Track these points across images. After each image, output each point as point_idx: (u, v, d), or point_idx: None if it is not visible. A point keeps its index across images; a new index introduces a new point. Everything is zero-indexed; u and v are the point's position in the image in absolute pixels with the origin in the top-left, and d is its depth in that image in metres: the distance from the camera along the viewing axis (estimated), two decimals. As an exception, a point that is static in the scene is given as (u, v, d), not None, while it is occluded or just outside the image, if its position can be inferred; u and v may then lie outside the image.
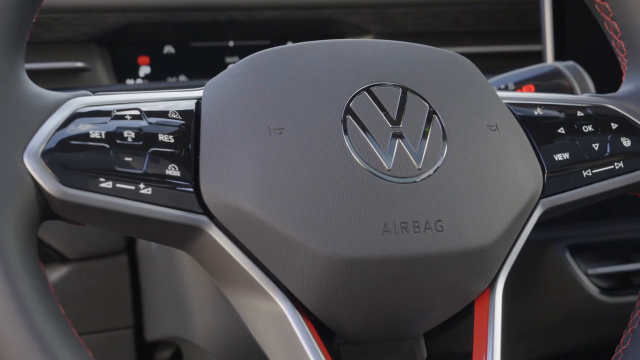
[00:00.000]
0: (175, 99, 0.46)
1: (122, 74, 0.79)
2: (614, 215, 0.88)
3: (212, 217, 0.43)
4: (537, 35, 0.81)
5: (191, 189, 0.42)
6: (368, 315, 0.45)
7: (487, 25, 0.86)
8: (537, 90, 0.68)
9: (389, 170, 0.44)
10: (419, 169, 0.44)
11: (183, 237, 0.43)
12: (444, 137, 0.46)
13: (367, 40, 0.49)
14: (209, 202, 0.42)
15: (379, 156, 0.44)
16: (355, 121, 0.44)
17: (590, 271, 0.86)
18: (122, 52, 0.79)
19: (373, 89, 0.46)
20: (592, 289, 0.86)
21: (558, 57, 0.79)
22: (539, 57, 0.81)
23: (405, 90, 0.46)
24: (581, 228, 0.86)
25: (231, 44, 0.82)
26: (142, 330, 0.76)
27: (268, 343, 0.45)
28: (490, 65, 0.81)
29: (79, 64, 0.74)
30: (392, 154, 0.44)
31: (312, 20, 0.80)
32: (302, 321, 0.43)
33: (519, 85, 0.69)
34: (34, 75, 0.75)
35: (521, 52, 0.87)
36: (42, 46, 0.73)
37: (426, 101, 0.46)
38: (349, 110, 0.45)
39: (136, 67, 0.79)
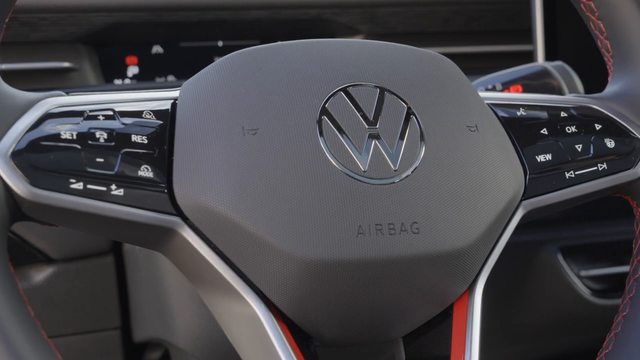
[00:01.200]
0: (151, 100, 0.45)
1: (110, 74, 0.79)
2: (606, 217, 0.87)
3: (185, 219, 0.42)
4: (529, 35, 0.80)
5: (164, 190, 0.42)
6: (344, 318, 0.44)
7: (478, 25, 0.85)
8: (525, 90, 0.67)
9: (364, 171, 0.43)
10: (395, 170, 0.44)
11: (156, 238, 0.43)
12: (422, 138, 0.45)
13: (345, 40, 0.49)
14: (182, 203, 0.42)
15: (354, 157, 0.43)
16: (331, 122, 0.44)
17: (583, 273, 0.85)
18: (110, 52, 0.79)
19: (350, 89, 0.45)
20: (584, 290, 0.85)
21: (549, 57, 0.78)
22: (530, 57, 0.81)
23: (382, 90, 0.46)
24: (573, 229, 0.85)
25: (220, 44, 0.81)
26: (129, 331, 0.75)
27: (242, 345, 0.45)
28: (481, 65, 0.81)
29: (66, 64, 0.74)
30: (368, 155, 0.44)
31: (301, 20, 0.79)
32: (276, 324, 0.43)
33: (506, 86, 0.68)
34: (20, 75, 0.75)
35: (512, 52, 0.86)
36: (29, 46, 0.73)
37: (404, 101, 0.46)
38: (324, 111, 0.44)
39: (124, 67, 0.79)
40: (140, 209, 0.41)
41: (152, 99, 0.45)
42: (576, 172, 0.51)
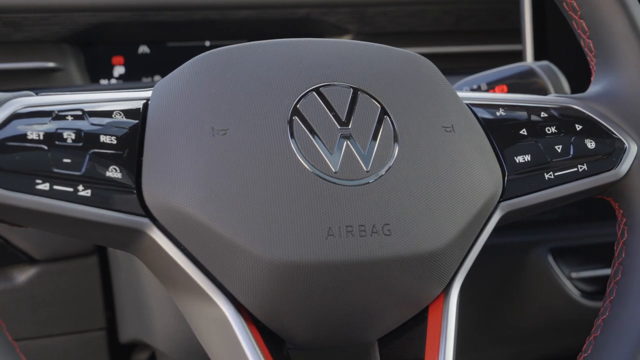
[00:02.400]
0: (123, 100, 0.45)
1: (96, 74, 0.78)
2: (597, 218, 0.87)
3: (153, 220, 0.42)
4: (520, 35, 0.80)
5: (133, 191, 0.41)
6: (315, 321, 0.44)
7: (469, 25, 0.84)
8: (511, 90, 0.67)
9: (335, 172, 0.43)
10: (367, 171, 0.43)
11: (125, 239, 0.43)
12: (395, 139, 0.45)
13: (320, 40, 0.48)
14: (151, 203, 0.41)
15: (325, 158, 0.43)
16: (302, 122, 0.43)
17: (574, 275, 0.84)
18: (96, 52, 0.78)
19: (322, 90, 0.45)
20: (574, 292, 0.84)
21: (538, 56, 0.77)
22: (520, 56, 0.80)
23: (356, 90, 0.45)
24: (564, 231, 0.84)
25: (207, 43, 0.81)
26: (115, 332, 0.75)
27: (212, 348, 0.44)
28: (471, 65, 0.80)
29: (50, 64, 0.74)
30: (339, 156, 0.43)
31: (289, 19, 0.79)
32: (245, 326, 0.42)
33: (491, 86, 0.67)
34: (4, 75, 0.75)
35: (503, 52, 0.85)
36: (13, 46, 0.73)
37: (378, 102, 0.45)
38: (296, 111, 0.44)
39: (110, 67, 0.79)
40: (108, 210, 0.41)
41: (124, 99, 0.45)
42: (556, 173, 0.50)
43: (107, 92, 0.45)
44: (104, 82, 0.80)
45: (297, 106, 0.44)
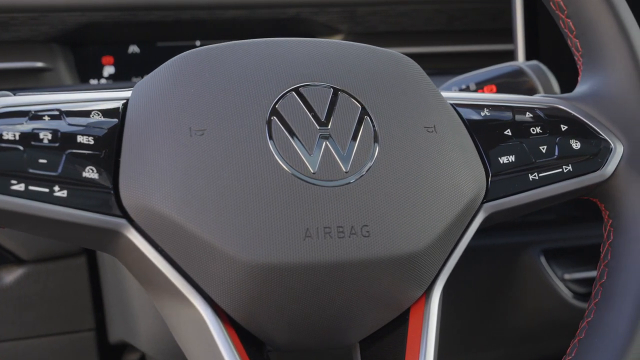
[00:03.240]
0: (102, 100, 0.45)
1: (85, 74, 0.78)
2: (591, 219, 0.86)
3: (131, 221, 0.41)
4: (512, 34, 0.79)
5: (110, 192, 0.41)
6: (293, 323, 0.43)
7: (461, 24, 0.84)
8: (499, 90, 0.66)
9: (313, 173, 0.42)
10: (346, 172, 0.43)
11: (102, 240, 0.42)
12: (376, 139, 0.44)
13: (301, 39, 0.48)
14: (128, 204, 0.41)
15: (304, 159, 0.42)
16: (281, 123, 0.43)
17: (567, 276, 0.83)
18: (85, 52, 0.78)
19: (302, 90, 0.44)
20: (567, 294, 0.84)
21: (530, 56, 0.77)
22: (512, 56, 0.79)
23: (336, 90, 0.45)
24: (557, 232, 0.84)
25: (198, 43, 0.81)
26: (105, 333, 0.75)
27: (189, 349, 0.44)
28: (464, 65, 0.80)
29: (39, 64, 0.73)
30: (318, 157, 0.43)
31: (279, 19, 0.78)
32: (223, 328, 0.42)
33: (480, 86, 0.67)
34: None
35: (496, 52, 0.84)
36: (1, 46, 0.73)
37: (359, 102, 0.45)
38: (274, 112, 0.43)
39: (100, 67, 0.78)
40: (85, 211, 0.41)
41: (103, 99, 0.45)
42: (540, 174, 0.50)
43: (86, 92, 0.45)
44: (93, 82, 0.79)
45: (276, 106, 0.43)
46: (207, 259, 0.41)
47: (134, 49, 0.79)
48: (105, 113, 0.43)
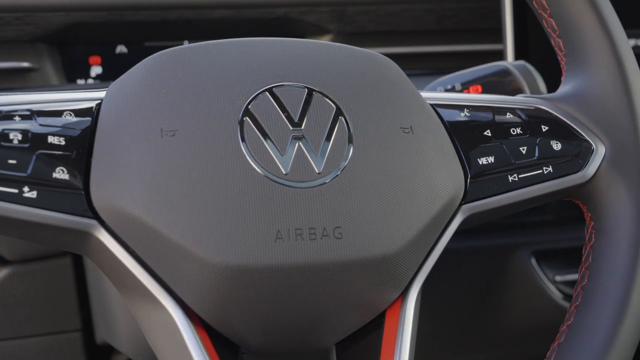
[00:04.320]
0: (75, 100, 0.44)
1: (72, 74, 0.78)
2: (582, 221, 0.85)
3: (101, 222, 0.41)
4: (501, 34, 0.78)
5: (81, 192, 0.41)
6: (266, 325, 0.43)
7: (451, 24, 0.83)
8: (485, 90, 0.65)
9: (285, 174, 0.42)
10: (318, 173, 0.42)
11: (73, 241, 0.42)
12: (350, 140, 0.44)
13: (278, 39, 0.47)
14: (98, 205, 0.41)
15: (276, 160, 0.42)
16: (254, 123, 0.43)
17: (558, 278, 0.83)
18: (72, 52, 0.78)
19: (275, 90, 0.44)
20: (558, 295, 0.83)
21: (519, 56, 0.76)
22: (503, 56, 0.78)
23: (311, 91, 0.44)
24: (547, 234, 0.83)
25: (186, 43, 0.80)
26: (92, 333, 0.75)
27: (161, 351, 0.44)
28: (453, 64, 0.79)
29: (25, 64, 0.73)
30: (290, 158, 0.42)
31: (267, 19, 0.78)
32: (194, 330, 0.41)
33: (466, 86, 0.66)
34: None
35: (486, 51, 0.84)
36: (-13, 46, 0.73)
37: (333, 102, 0.44)
38: (247, 112, 0.43)
39: (87, 67, 0.78)
40: (55, 212, 0.40)
41: (76, 100, 0.44)
42: (520, 176, 0.49)
43: (59, 92, 0.45)
44: (80, 82, 0.79)
45: (249, 107, 0.43)
46: (177, 260, 0.40)
47: (121, 49, 0.79)
48: (78, 113, 0.43)
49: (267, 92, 0.44)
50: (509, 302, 0.84)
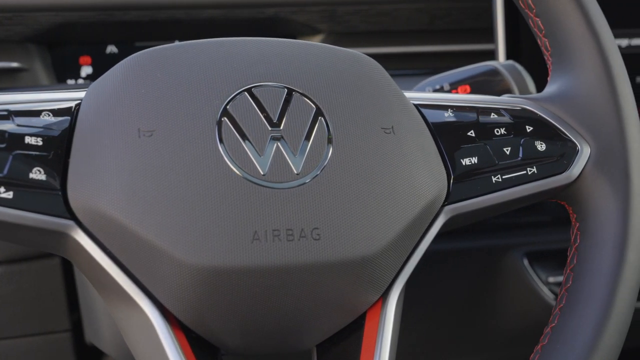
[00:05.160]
0: (54, 100, 0.44)
1: (62, 74, 0.78)
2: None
3: (78, 222, 0.41)
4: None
5: (58, 193, 0.41)
6: (244, 327, 0.43)
7: (443, 24, 0.83)
8: (473, 90, 0.65)
9: (263, 175, 0.42)
10: (297, 174, 0.42)
11: (51, 241, 0.42)
12: (329, 140, 0.43)
13: (259, 39, 0.47)
14: (75, 206, 0.41)
15: (254, 160, 0.42)
16: (232, 124, 0.42)
17: (551, 279, 0.82)
18: (63, 52, 0.78)
19: (254, 90, 0.44)
20: (551, 297, 0.82)
21: (511, 56, 0.76)
22: (494, 56, 0.78)
23: (290, 91, 0.44)
24: (540, 234, 0.82)
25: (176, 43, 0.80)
26: (82, 334, 0.75)
27: (137, 352, 0.43)
28: (445, 64, 0.78)
29: (14, 64, 0.73)
30: (268, 159, 0.42)
31: (257, 19, 0.78)
32: (171, 331, 0.41)
33: (454, 86, 0.66)
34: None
35: (478, 51, 0.83)
36: (-25, 46, 0.73)
37: (313, 102, 0.44)
38: (225, 113, 0.43)
39: (77, 67, 0.78)
40: (31, 212, 0.40)
41: (55, 100, 0.44)
42: (504, 176, 0.49)
43: (38, 92, 0.45)
44: (70, 82, 0.79)
45: (227, 107, 0.43)
46: (153, 261, 0.40)
47: (112, 49, 0.79)
48: (57, 113, 0.43)
49: (246, 93, 0.43)
50: (502, 304, 0.84)
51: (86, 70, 0.79)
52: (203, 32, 0.78)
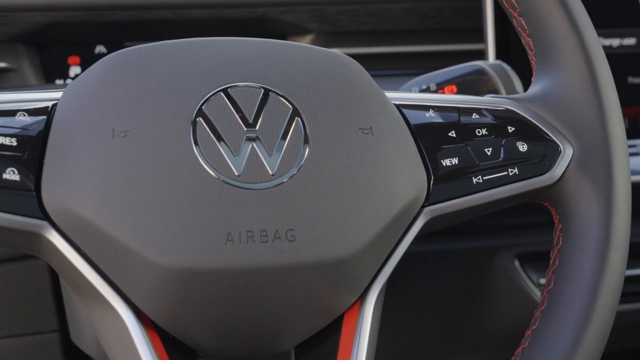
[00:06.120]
0: (30, 100, 0.44)
1: (51, 74, 0.78)
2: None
3: (52, 223, 0.41)
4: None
5: (32, 193, 0.41)
6: (220, 329, 0.42)
7: (434, 23, 0.82)
8: (460, 90, 0.64)
9: (237, 175, 0.41)
10: (272, 175, 0.42)
11: (26, 242, 0.42)
12: (306, 141, 0.43)
13: (237, 38, 0.47)
14: (49, 206, 0.41)
15: (228, 161, 0.41)
16: (207, 124, 0.42)
17: (542, 281, 0.81)
18: (51, 52, 0.78)
19: (230, 90, 0.43)
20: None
21: (501, 55, 0.75)
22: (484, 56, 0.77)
23: (267, 91, 0.44)
24: (531, 236, 0.82)
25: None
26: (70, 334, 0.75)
27: (112, 354, 0.43)
28: (436, 64, 0.78)
29: (2, 65, 0.73)
30: (243, 159, 0.42)
31: (246, 19, 0.77)
32: (145, 333, 0.41)
33: (441, 86, 0.65)
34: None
35: (469, 51, 0.83)
36: (-37, 47, 0.73)
37: (290, 102, 0.44)
38: (200, 113, 0.42)
39: (66, 67, 0.78)
40: (5, 213, 0.40)
41: (31, 100, 0.44)
42: (484, 177, 0.48)
43: (17, 92, 0.45)
44: (59, 82, 0.79)
45: (202, 108, 0.42)
46: (127, 262, 0.40)
47: (100, 49, 0.79)
48: (32, 113, 0.43)
49: (222, 93, 0.43)
50: (492, 306, 0.83)
51: (75, 71, 0.79)
52: (192, 32, 0.77)
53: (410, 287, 0.82)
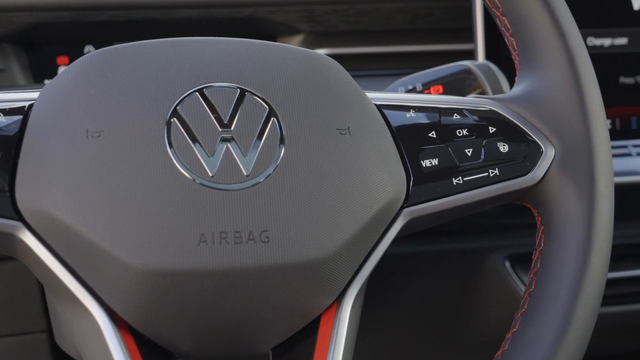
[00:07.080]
0: (6, 101, 0.44)
1: (40, 75, 0.78)
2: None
3: (26, 224, 0.41)
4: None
5: (6, 194, 0.41)
6: (195, 330, 0.42)
7: (424, 23, 0.82)
8: (446, 91, 0.64)
9: (211, 176, 0.41)
10: (246, 175, 0.41)
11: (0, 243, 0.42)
12: (282, 141, 0.43)
13: (213, 38, 0.46)
14: (23, 207, 0.41)
15: (203, 162, 0.41)
16: (181, 125, 0.42)
17: (533, 282, 0.81)
18: (40, 53, 0.78)
19: (206, 91, 0.43)
20: (532, 300, 0.81)
21: (490, 55, 0.75)
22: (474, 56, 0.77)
23: (243, 91, 0.44)
24: (522, 237, 0.81)
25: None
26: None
27: (86, 355, 0.43)
28: (426, 64, 0.77)
29: (-10, 65, 0.73)
30: (218, 160, 0.41)
31: (235, 19, 0.77)
32: (118, 334, 0.41)
33: (427, 86, 0.65)
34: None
35: (460, 51, 0.82)
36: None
37: (266, 103, 0.44)
38: (175, 114, 0.42)
39: (55, 68, 0.78)
40: None
41: (8, 100, 0.44)
42: (465, 179, 0.48)
43: None
44: (47, 82, 0.79)
45: (177, 108, 0.42)
46: (99, 263, 0.40)
47: (89, 49, 0.78)
48: (8, 113, 0.43)
49: (197, 93, 0.43)
50: (483, 308, 0.83)
51: (63, 71, 0.79)
52: (181, 32, 0.77)
53: (400, 288, 0.81)
